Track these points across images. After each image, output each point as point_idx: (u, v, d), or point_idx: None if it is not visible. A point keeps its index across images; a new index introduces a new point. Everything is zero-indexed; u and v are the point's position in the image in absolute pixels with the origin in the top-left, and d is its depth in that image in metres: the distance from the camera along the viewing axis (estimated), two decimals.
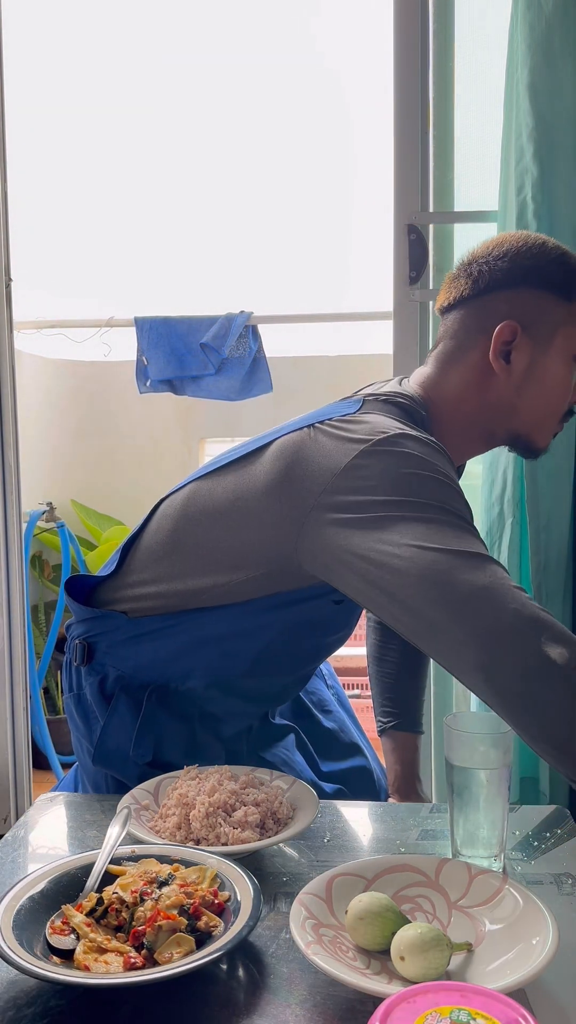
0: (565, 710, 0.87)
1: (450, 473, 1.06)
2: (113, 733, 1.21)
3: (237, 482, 1.15)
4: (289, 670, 1.27)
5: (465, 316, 1.21)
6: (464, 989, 0.64)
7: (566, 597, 1.73)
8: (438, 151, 1.88)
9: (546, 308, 1.17)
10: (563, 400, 1.21)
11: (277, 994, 0.76)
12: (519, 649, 0.88)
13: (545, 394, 1.19)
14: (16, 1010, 0.74)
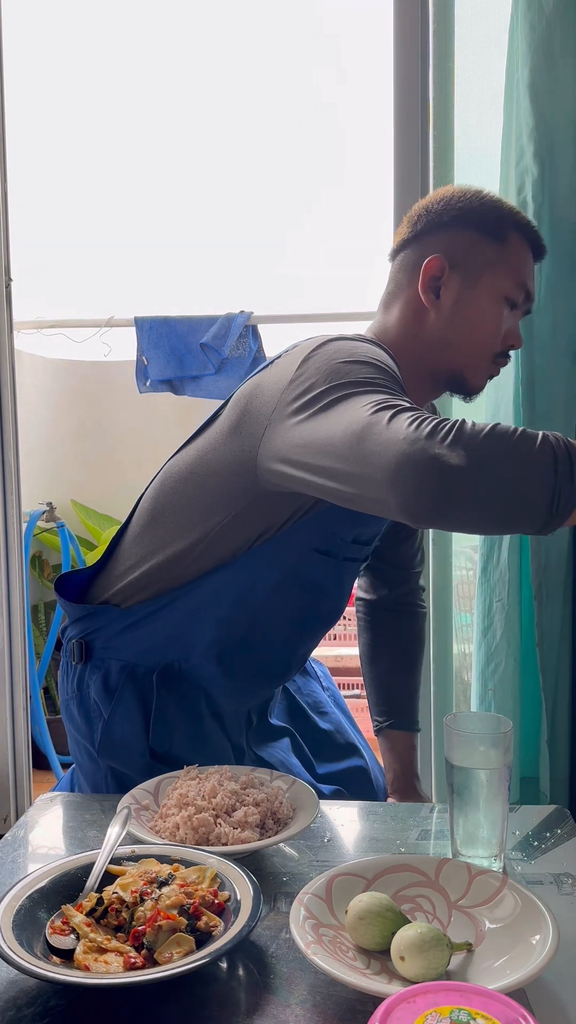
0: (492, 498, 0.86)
1: (388, 362, 1.10)
2: (119, 724, 1.22)
3: (202, 442, 1.23)
4: (286, 641, 1.28)
5: (404, 258, 1.28)
6: (464, 989, 0.64)
7: (566, 597, 1.73)
8: (438, 151, 1.88)
9: (476, 247, 1.23)
10: (491, 338, 1.23)
11: (277, 994, 0.76)
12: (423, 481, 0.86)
13: (473, 330, 1.23)
14: (16, 1010, 0.74)
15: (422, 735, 1.97)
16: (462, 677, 1.99)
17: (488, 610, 1.78)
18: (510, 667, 1.74)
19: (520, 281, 1.24)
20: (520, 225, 1.25)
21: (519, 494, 0.85)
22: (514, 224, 1.24)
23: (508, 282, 1.23)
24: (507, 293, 1.23)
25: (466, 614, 1.97)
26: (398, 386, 1.05)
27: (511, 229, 1.24)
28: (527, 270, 1.25)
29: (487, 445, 0.86)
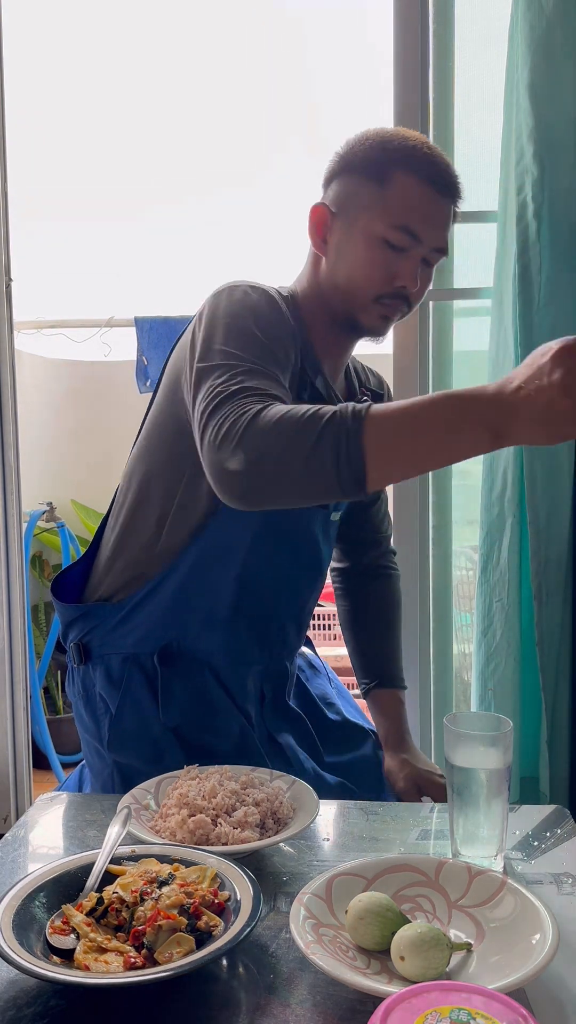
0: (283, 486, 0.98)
1: (267, 315, 1.18)
2: (128, 714, 1.25)
3: (149, 417, 1.33)
4: (275, 599, 1.31)
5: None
6: (464, 989, 0.64)
7: (566, 597, 1.73)
8: None
9: (357, 191, 1.24)
10: (368, 280, 1.24)
11: (277, 994, 0.76)
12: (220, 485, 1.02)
13: (351, 272, 1.25)
14: (16, 1010, 0.74)
15: (422, 735, 1.97)
16: (462, 677, 1.99)
17: (488, 610, 1.78)
18: (510, 667, 1.74)
19: (399, 222, 1.22)
20: (411, 164, 1.23)
21: (306, 477, 0.96)
22: (402, 164, 1.22)
23: (383, 223, 1.21)
24: (384, 234, 1.21)
25: (466, 614, 1.97)
26: (259, 350, 1.13)
27: (396, 169, 1.22)
28: (413, 209, 1.22)
29: (268, 441, 0.97)
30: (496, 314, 1.78)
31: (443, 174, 1.25)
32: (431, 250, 1.25)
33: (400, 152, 1.24)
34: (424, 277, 1.27)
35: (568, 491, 1.72)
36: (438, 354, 1.91)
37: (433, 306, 1.91)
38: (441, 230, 1.25)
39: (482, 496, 1.79)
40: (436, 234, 1.25)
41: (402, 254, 1.23)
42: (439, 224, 1.25)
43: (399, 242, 1.22)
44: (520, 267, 1.68)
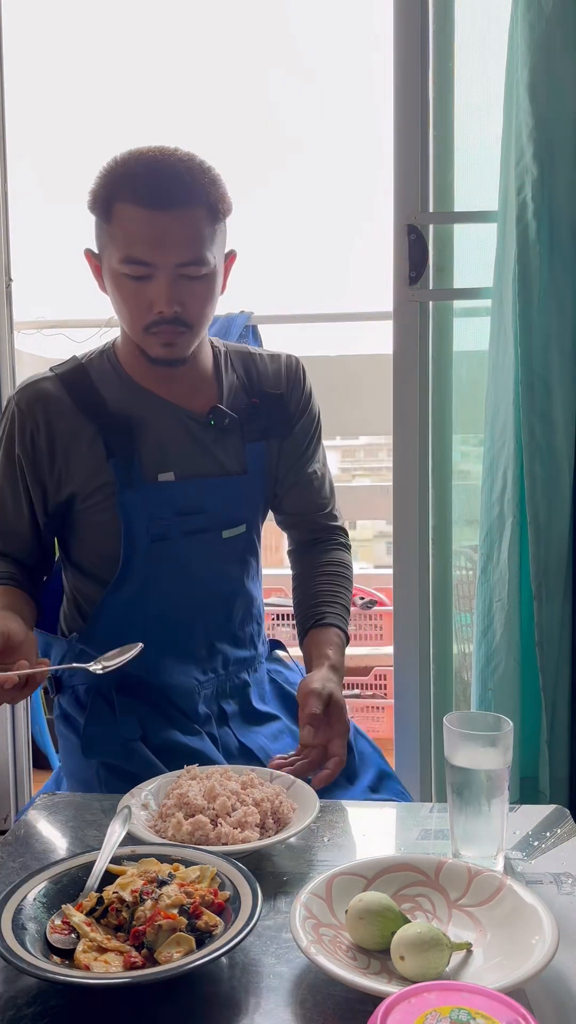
0: None
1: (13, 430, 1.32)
2: (96, 720, 1.30)
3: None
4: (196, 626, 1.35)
5: None
6: (464, 989, 0.64)
7: (566, 597, 1.73)
8: (438, 151, 1.88)
9: (98, 232, 1.27)
10: (129, 315, 1.26)
11: (277, 994, 0.77)
12: None
13: (118, 311, 1.29)
14: (16, 1010, 0.74)
15: (422, 735, 1.97)
16: (462, 677, 1.99)
17: (488, 610, 1.77)
18: (510, 667, 1.74)
19: (124, 255, 1.22)
20: (125, 191, 1.21)
21: None
22: (119, 194, 1.22)
23: (117, 260, 1.23)
24: (121, 269, 1.23)
25: (466, 614, 1.97)
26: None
27: (115, 201, 1.22)
28: (133, 237, 1.21)
29: None
30: (496, 314, 1.78)
31: (155, 187, 1.21)
32: (178, 265, 1.22)
33: (116, 182, 1.23)
34: (191, 291, 1.24)
35: (568, 491, 1.72)
36: (438, 354, 1.91)
37: (433, 306, 1.91)
38: (176, 245, 1.21)
39: (482, 496, 1.79)
40: (170, 251, 1.21)
41: (147, 281, 1.23)
42: (168, 240, 1.21)
43: (134, 272, 1.22)
44: (520, 267, 1.68)
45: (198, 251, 1.22)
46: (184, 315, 1.25)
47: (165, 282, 1.22)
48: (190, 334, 1.28)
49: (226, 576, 1.38)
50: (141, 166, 1.22)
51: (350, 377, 3.24)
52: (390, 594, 2.43)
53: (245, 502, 1.40)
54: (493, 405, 1.78)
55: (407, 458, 1.94)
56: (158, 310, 1.23)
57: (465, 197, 1.89)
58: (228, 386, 1.40)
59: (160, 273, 1.22)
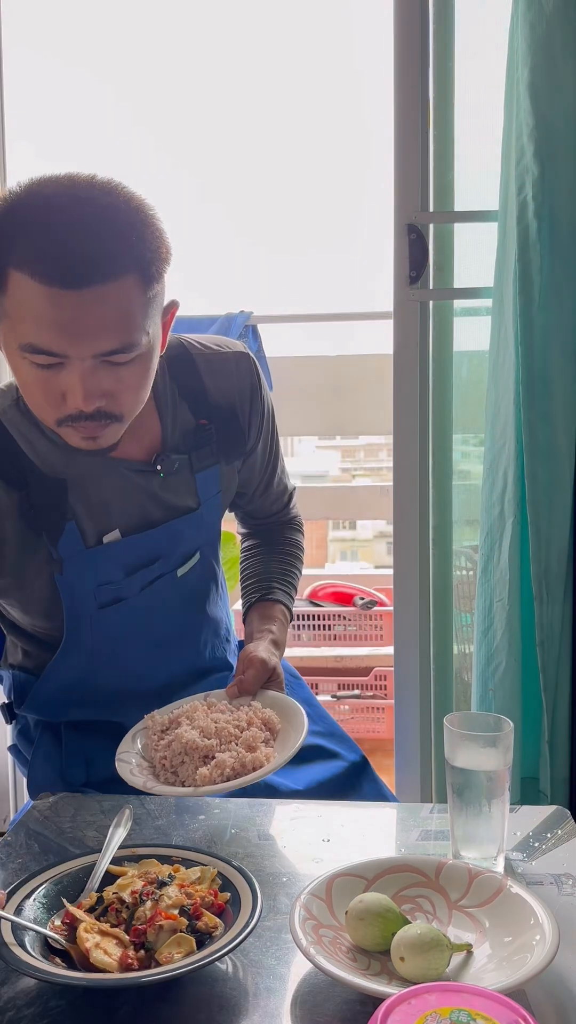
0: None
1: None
2: (40, 766, 1.24)
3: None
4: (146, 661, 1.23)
5: None
6: (464, 990, 0.64)
7: (567, 597, 1.73)
8: (438, 151, 1.88)
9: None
10: (35, 402, 1.01)
11: (277, 995, 0.76)
12: None
13: (21, 392, 1.04)
14: (16, 1010, 0.74)
15: (422, 735, 1.97)
16: (462, 677, 1.99)
17: (488, 610, 1.77)
18: (511, 667, 1.73)
19: (23, 342, 0.95)
20: (22, 255, 0.92)
21: None
22: (14, 257, 0.93)
23: (15, 340, 0.96)
24: (22, 355, 0.97)
25: (466, 614, 1.97)
26: None
27: (9, 267, 0.94)
28: (35, 321, 0.93)
29: None
30: (496, 314, 1.78)
31: (63, 258, 0.91)
32: (97, 356, 0.96)
33: (8, 239, 0.93)
34: (117, 379, 0.99)
35: (569, 491, 1.72)
36: (438, 354, 1.91)
37: (433, 306, 1.91)
38: (93, 333, 0.94)
39: (482, 496, 1.79)
40: (86, 341, 0.94)
41: (58, 369, 0.96)
42: (83, 327, 0.93)
43: (41, 361, 0.96)
44: (520, 267, 1.68)
45: (126, 335, 0.96)
46: (110, 407, 1.00)
47: (85, 373, 0.96)
48: (119, 425, 1.04)
49: (187, 616, 1.26)
50: (42, 225, 0.92)
51: (350, 377, 3.23)
52: (390, 594, 2.43)
53: (200, 531, 1.24)
54: (493, 405, 1.78)
55: (407, 458, 1.94)
56: (74, 406, 0.98)
57: (465, 196, 1.89)
58: (173, 418, 1.18)
59: (76, 364, 0.96)
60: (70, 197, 0.95)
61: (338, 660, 3.17)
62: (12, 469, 1.09)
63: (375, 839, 1.06)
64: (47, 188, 0.96)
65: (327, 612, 3.24)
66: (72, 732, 1.25)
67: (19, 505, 1.09)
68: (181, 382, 1.20)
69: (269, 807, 1.11)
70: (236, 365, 1.24)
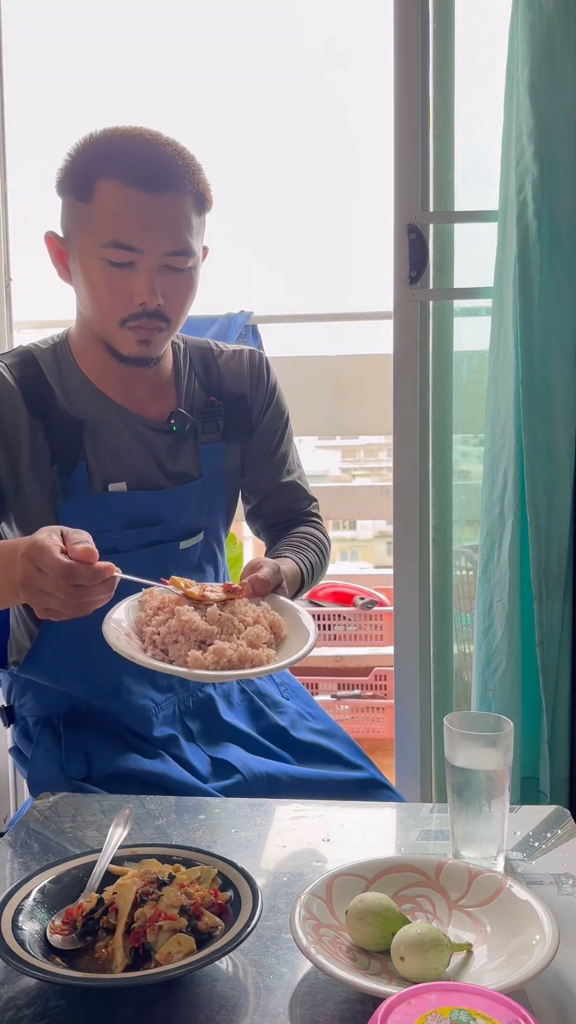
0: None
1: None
2: (40, 762, 1.25)
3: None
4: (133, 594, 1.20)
5: None
6: (464, 989, 0.64)
7: (567, 597, 1.73)
8: (438, 151, 1.88)
9: (71, 212, 1.17)
10: (106, 303, 1.16)
11: (277, 994, 0.76)
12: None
13: (90, 299, 1.18)
14: (16, 1010, 0.74)
15: (422, 735, 1.97)
16: (462, 677, 1.99)
17: (488, 610, 1.77)
18: (510, 667, 1.73)
19: (108, 238, 1.12)
20: (111, 168, 1.13)
21: None
22: (102, 170, 1.13)
23: (97, 241, 1.13)
24: (101, 254, 1.13)
25: (466, 614, 1.97)
26: None
27: (97, 178, 1.13)
28: (120, 219, 1.12)
29: None
30: (496, 314, 1.78)
31: (148, 166, 1.13)
32: (165, 255, 1.15)
33: (99, 158, 1.14)
34: (174, 284, 1.17)
35: (569, 491, 1.72)
36: (438, 354, 1.91)
37: (433, 306, 1.91)
38: (165, 232, 1.14)
39: (482, 496, 1.79)
40: (160, 238, 1.13)
41: (129, 269, 1.14)
42: (160, 225, 1.13)
43: (118, 258, 1.13)
44: (520, 267, 1.68)
45: (186, 240, 1.15)
46: (165, 309, 1.17)
47: (149, 271, 1.14)
48: (167, 331, 1.20)
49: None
50: (129, 144, 1.14)
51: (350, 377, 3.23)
52: (390, 594, 2.43)
53: (202, 508, 1.31)
54: (493, 405, 1.78)
55: (407, 458, 1.94)
56: (140, 301, 1.15)
57: (465, 196, 1.89)
58: (187, 386, 1.32)
59: (146, 260, 1.13)
60: (148, 132, 1.18)
61: (338, 660, 3.17)
62: (38, 401, 1.21)
63: (375, 839, 1.06)
64: (125, 127, 1.18)
65: (327, 612, 3.24)
66: (71, 730, 1.25)
67: (39, 432, 1.20)
68: (198, 363, 1.35)
69: (269, 807, 1.11)
70: (250, 358, 1.38)
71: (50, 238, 1.22)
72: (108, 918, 0.80)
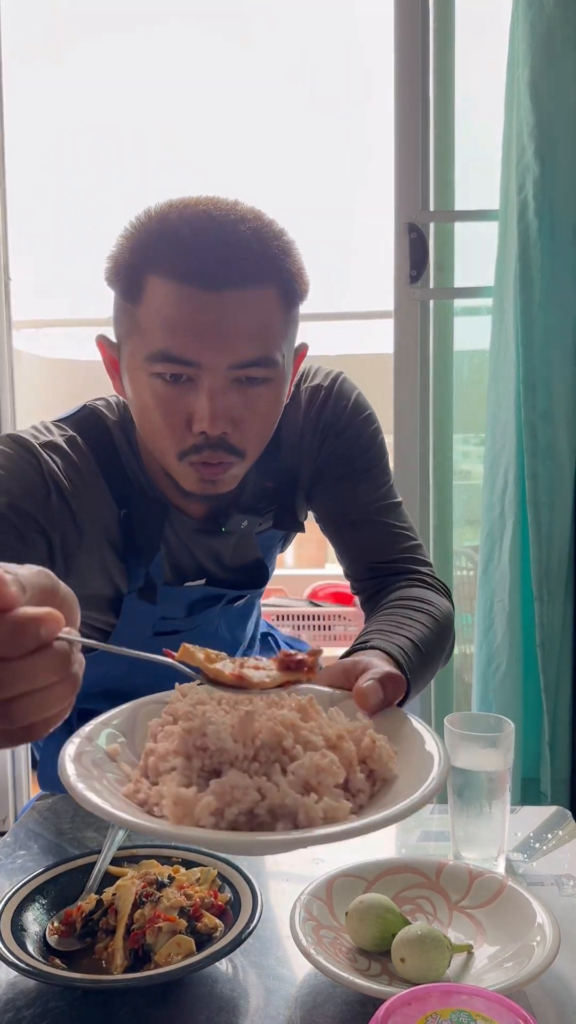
0: None
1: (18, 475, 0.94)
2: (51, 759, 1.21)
3: None
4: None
5: None
6: (464, 991, 0.64)
7: (567, 597, 1.73)
8: (438, 150, 1.88)
9: (119, 314, 0.96)
10: (158, 429, 0.93)
11: (277, 995, 0.76)
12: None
13: (141, 423, 0.97)
14: (15, 1011, 0.74)
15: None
16: (463, 678, 1.99)
17: (489, 611, 1.77)
18: (511, 668, 1.73)
19: (156, 348, 0.90)
20: (162, 260, 0.89)
21: None
22: (152, 264, 0.90)
23: (145, 353, 0.91)
24: (150, 368, 0.91)
25: (466, 615, 1.97)
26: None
27: (147, 273, 0.90)
28: (172, 326, 0.89)
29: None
30: (497, 313, 1.78)
31: (209, 254, 0.88)
32: (231, 368, 0.90)
33: (151, 246, 0.90)
34: (247, 403, 0.92)
35: (569, 491, 1.72)
36: (438, 354, 1.91)
37: (434, 305, 1.91)
38: (231, 339, 0.89)
39: (483, 496, 1.79)
40: (223, 347, 0.89)
41: (189, 387, 0.91)
42: (222, 331, 0.88)
43: (171, 371, 0.90)
44: (521, 266, 1.68)
45: (263, 347, 0.90)
46: (235, 439, 0.92)
47: (214, 389, 0.90)
48: (239, 466, 0.96)
49: (232, 636, 1.21)
50: (187, 226, 0.88)
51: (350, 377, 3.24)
52: None
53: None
54: (494, 404, 1.78)
55: (407, 458, 1.94)
56: (200, 428, 0.91)
57: (466, 195, 1.89)
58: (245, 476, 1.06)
59: (207, 376, 0.90)
60: (213, 205, 0.91)
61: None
62: (120, 484, 1.02)
63: (375, 839, 1.06)
64: (188, 200, 0.92)
65: (327, 612, 3.24)
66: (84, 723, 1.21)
67: (120, 520, 1.02)
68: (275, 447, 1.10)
69: None
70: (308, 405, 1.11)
71: (100, 343, 1.00)
72: (108, 919, 0.80)
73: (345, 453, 1.12)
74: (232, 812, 0.58)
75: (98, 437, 1.03)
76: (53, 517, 0.96)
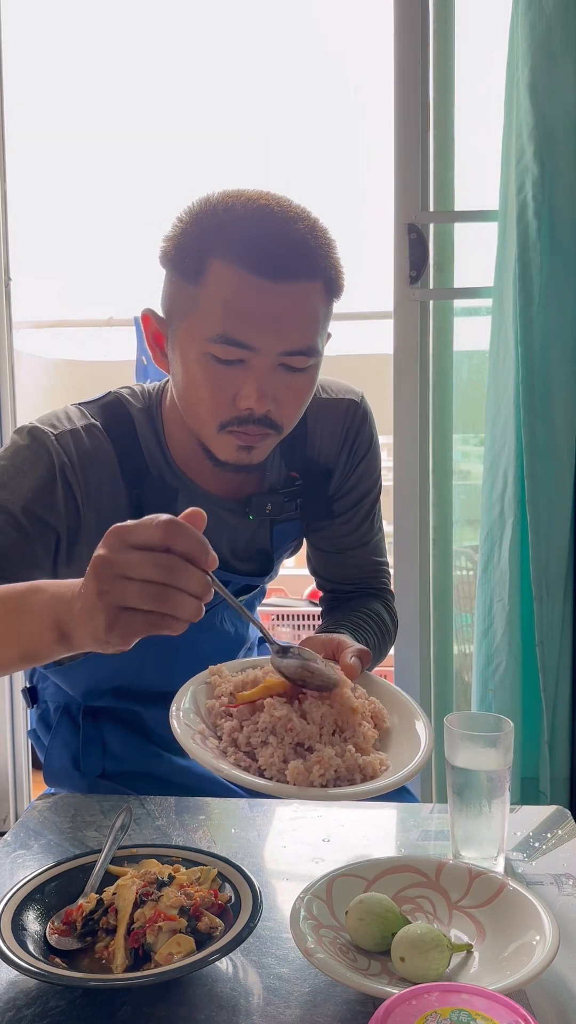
0: None
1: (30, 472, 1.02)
2: (56, 754, 1.23)
3: None
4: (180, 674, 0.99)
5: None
6: (464, 990, 0.64)
7: (567, 597, 1.73)
8: (438, 150, 1.88)
9: (176, 293, 1.01)
10: (205, 404, 1.00)
11: (277, 994, 0.76)
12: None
13: (186, 395, 1.03)
14: (16, 1011, 0.74)
15: None
16: (462, 677, 1.99)
17: (488, 610, 1.77)
18: (511, 667, 1.74)
19: (217, 331, 0.96)
20: (227, 247, 0.95)
21: None
22: (217, 249, 0.96)
23: (203, 333, 0.97)
24: (206, 348, 0.97)
25: (466, 614, 1.97)
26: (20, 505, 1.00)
27: (211, 257, 0.96)
28: (234, 311, 0.96)
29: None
30: (496, 313, 1.78)
31: (275, 248, 0.95)
32: (282, 354, 0.98)
33: (218, 234, 0.96)
34: (290, 387, 1.00)
35: (569, 491, 1.72)
36: (438, 354, 1.91)
37: (433, 305, 1.91)
38: (287, 328, 0.97)
39: (483, 496, 1.79)
40: (279, 335, 0.97)
41: (238, 367, 0.98)
42: (281, 320, 0.96)
43: (226, 355, 0.97)
44: (520, 266, 1.68)
45: (310, 337, 0.99)
46: (276, 415, 1.01)
47: (260, 372, 0.98)
48: (275, 438, 1.04)
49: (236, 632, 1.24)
50: (253, 219, 0.96)
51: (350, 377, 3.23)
52: None
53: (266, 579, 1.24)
54: (494, 404, 1.78)
55: (407, 458, 1.94)
56: (246, 406, 0.98)
57: (465, 196, 1.90)
58: (270, 461, 1.14)
59: (259, 360, 0.97)
60: (275, 203, 0.99)
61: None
62: (132, 467, 1.09)
63: (375, 839, 1.06)
64: (248, 194, 0.99)
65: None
66: (90, 720, 1.22)
67: (129, 503, 1.08)
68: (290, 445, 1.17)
69: (269, 807, 1.11)
70: (347, 412, 1.20)
71: (147, 317, 1.06)
72: (108, 919, 0.80)
73: (357, 483, 1.22)
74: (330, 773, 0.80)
75: (119, 424, 1.09)
76: (60, 511, 1.03)
